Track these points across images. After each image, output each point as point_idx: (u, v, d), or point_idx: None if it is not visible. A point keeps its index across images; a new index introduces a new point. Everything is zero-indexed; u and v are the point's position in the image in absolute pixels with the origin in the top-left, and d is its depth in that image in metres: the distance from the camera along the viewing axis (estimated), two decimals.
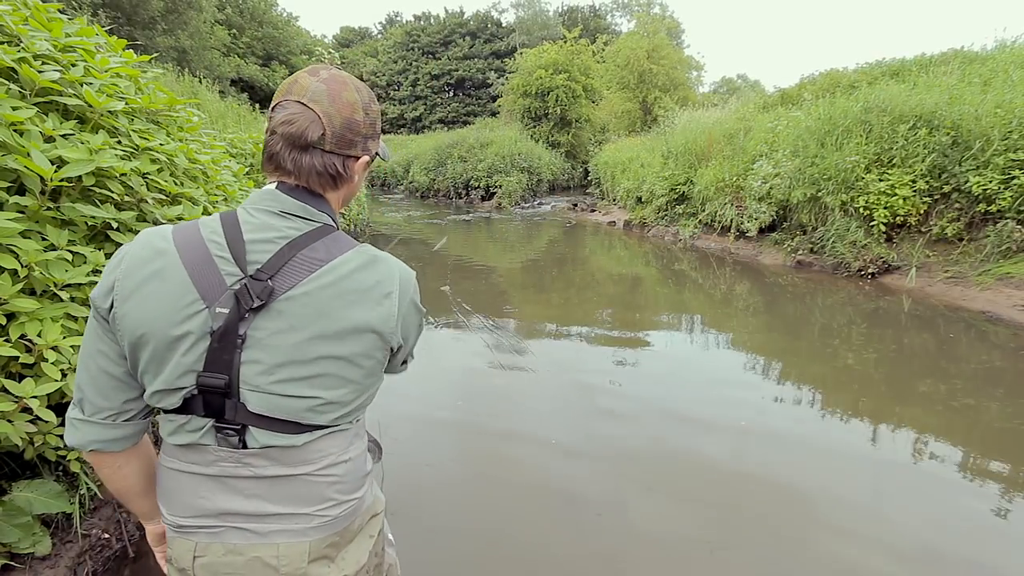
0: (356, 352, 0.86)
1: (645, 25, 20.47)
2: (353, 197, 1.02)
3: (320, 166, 0.88)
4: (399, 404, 3.57)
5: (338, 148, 0.88)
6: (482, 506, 2.63)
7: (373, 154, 0.97)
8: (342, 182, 0.93)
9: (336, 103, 0.86)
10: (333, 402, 0.86)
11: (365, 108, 0.91)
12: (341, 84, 0.88)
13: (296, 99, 0.85)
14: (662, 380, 4.11)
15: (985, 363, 4.28)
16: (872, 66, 12.03)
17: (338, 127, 0.87)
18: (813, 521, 2.48)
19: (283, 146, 0.86)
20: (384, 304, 0.88)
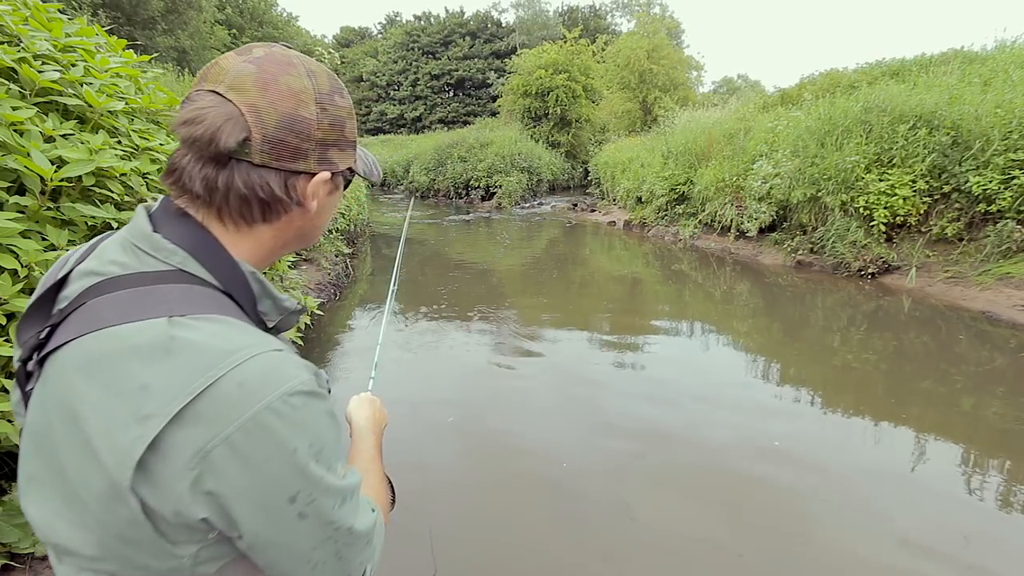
0: (86, 481, 0.51)
1: (645, 25, 20.46)
2: (314, 235, 0.72)
3: (243, 187, 0.59)
4: (399, 404, 3.57)
5: (274, 159, 0.60)
6: (482, 507, 2.63)
7: (342, 170, 0.68)
8: (280, 211, 0.63)
9: (270, 92, 0.59)
10: (62, 546, 0.54)
11: (321, 101, 0.62)
12: (282, 65, 0.61)
13: (210, 88, 0.59)
14: (662, 380, 4.11)
15: (985, 363, 4.28)
16: (872, 66, 12.03)
17: (272, 128, 0.59)
18: (814, 522, 2.48)
19: (190, 158, 0.59)
20: (131, 431, 0.49)
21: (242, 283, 0.62)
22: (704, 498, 2.66)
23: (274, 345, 0.56)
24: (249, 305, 0.63)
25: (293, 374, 0.54)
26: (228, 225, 0.62)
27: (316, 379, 0.57)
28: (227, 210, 0.61)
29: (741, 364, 4.47)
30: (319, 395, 0.56)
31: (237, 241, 0.63)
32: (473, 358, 4.59)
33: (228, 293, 0.61)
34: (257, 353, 0.53)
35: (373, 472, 0.81)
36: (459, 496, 2.70)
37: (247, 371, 0.52)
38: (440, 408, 3.61)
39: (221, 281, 0.61)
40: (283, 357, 0.56)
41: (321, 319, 4.90)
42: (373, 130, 43.33)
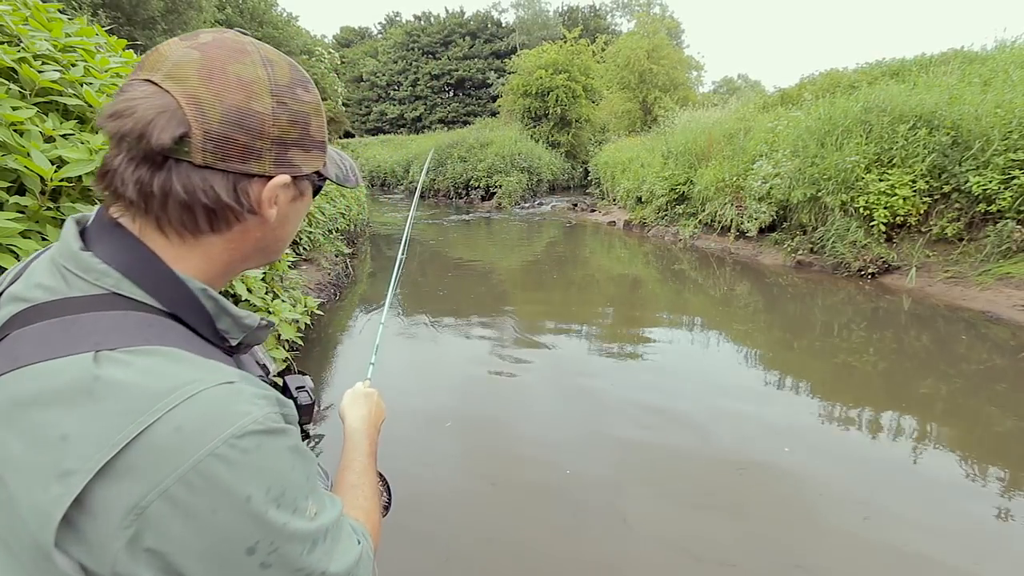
0: (17, 536, 0.44)
1: (645, 25, 20.47)
2: (277, 248, 0.63)
3: (182, 191, 0.51)
4: (399, 403, 3.57)
5: (219, 159, 0.51)
6: (481, 508, 2.63)
7: (307, 174, 0.60)
8: (230, 220, 0.55)
9: (215, 82, 0.51)
10: None
11: (279, 94, 0.54)
12: (232, 52, 0.53)
13: (145, 76, 0.51)
14: (662, 381, 4.11)
15: (985, 363, 4.28)
16: (872, 66, 12.03)
17: (216, 123, 0.51)
18: (815, 522, 2.48)
19: (122, 159, 0.51)
20: (51, 489, 0.42)
21: (191, 302, 0.54)
22: (704, 500, 2.66)
23: (223, 377, 0.48)
24: (204, 325, 0.56)
25: (242, 412, 0.46)
26: (170, 236, 0.54)
27: (275, 412, 0.50)
28: (166, 219, 0.53)
29: (741, 365, 4.47)
30: (277, 432, 0.49)
31: (182, 255, 0.55)
32: (473, 358, 4.59)
33: (175, 315, 0.53)
34: (199, 391, 0.46)
35: (366, 484, 0.75)
36: (459, 497, 2.70)
37: (186, 413, 0.44)
38: (440, 408, 3.61)
39: (164, 302, 0.53)
40: (232, 392, 0.48)
41: (321, 319, 4.90)
42: (373, 130, 43.34)
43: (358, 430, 0.87)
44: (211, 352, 0.54)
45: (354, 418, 0.90)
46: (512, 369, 4.33)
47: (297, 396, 0.80)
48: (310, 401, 0.81)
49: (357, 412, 0.92)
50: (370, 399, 0.95)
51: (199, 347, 0.53)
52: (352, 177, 0.70)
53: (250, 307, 3.01)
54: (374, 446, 0.87)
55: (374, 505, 0.74)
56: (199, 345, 0.53)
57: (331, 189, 7.36)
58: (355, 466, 0.79)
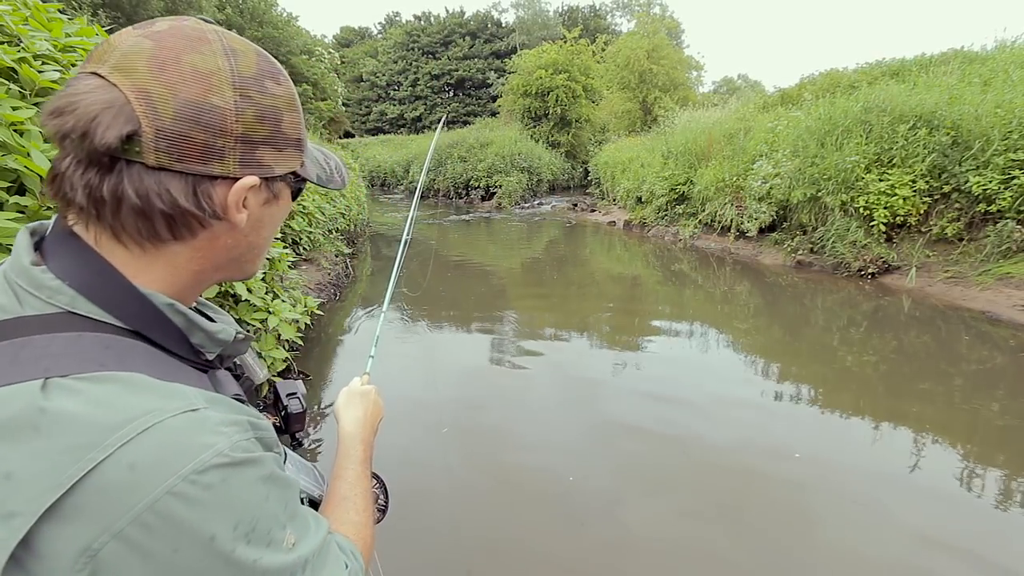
0: None
1: (645, 25, 20.46)
2: (252, 256, 0.59)
3: (135, 196, 0.47)
4: (398, 403, 3.57)
5: (175, 160, 0.47)
6: (481, 509, 2.63)
7: (281, 175, 0.55)
8: (193, 226, 0.51)
9: (168, 73, 0.46)
10: None
11: (243, 86, 0.49)
12: (189, 40, 0.48)
13: (92, 69, 0.47)
14: (663, 381, 4.11)
15: (985, 363, 4.28)
16: (872, 66, 12.03)
17: (169, 119, 0.46)
18: (815, 522, 2.48)
19: (70, 161, 0.47)
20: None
21: (156, 319, 0.50)
22: (704, 500, 2.66)
23: (185, 404, 0.44)
24: (174, 341, 0.52)
25: (204, 444, 0.43)
26: (129, 246, 0.50)
27: (245, 439, 0.46)
28: (121, 227, 0.48)
29: (741, 364, 4.47)
30: (245, 463, 0.45)
31: (144, 266, 0.51)
32: (473, 358, 4.59)
33: (138, 333, 0.49)
34: (156, 422, 0.42)
35: (358, 495, 0.72)
36: (459, 498, 2.70)
37: (140, 448, 0.41)
38: (440, 409, 3.61)
39: (125, 320, 0.49)
40: (194, 421, 0.44)
41: (321, 319, 4.90)
42: (373, 130, 43.36)
43: (352, 435, 0.83)
44: (180, 372, 0.50)
45: (348, 421, 0.85)
46: (512, 369, 4.33)
47: (287, 404, 0.77)
48: (301, 409, 0.77)
49: (352, 414, 0.87)
50: (366, 398, 0.90)
51: (165, 367, 0.49)
52: (337, 178, 0.65)
53: (250, 307, 3.01)
54: (369, 450, 0.83)
55: (366, 518, 0.70)
56: (165, 364, 0.50)
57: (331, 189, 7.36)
58: (347, 475, 0.75)
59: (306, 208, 5.84)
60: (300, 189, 0.61)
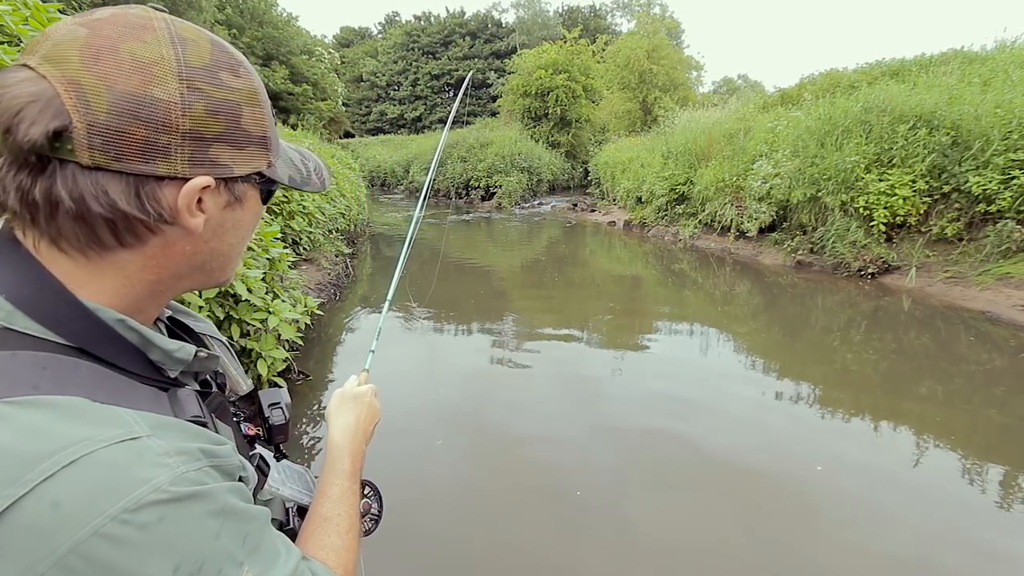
0: None
1: (645, 25, 20.46)
2: (219, 264, 0.55)
3: (68, 199, 0.43)
4: (399, 404, 3.57)
5: (112, 158, 0.43)
6: (482, 510, 2.63)
7: (243, 176, 0.51)
8: (139, 232, 0.46)
9: (103, 63, 0.42)
10: None
11: (192, 77, 0.45)
12: (129, 28, 0.44)
13: (23, 60, 0.43)
14: (662, 382, 4.11)
15: (985, 363, 4.28)
16: (872, 66, 12.03)
17: (104, 113, 0.42)
18: (815, 522, 2.48)
19: (2, 162, 0.44)
20: None
21: (105, 335, 0.46)
22: (706, 500, 2.66)
23: (123, 432, 0.40)
24: (129, 359, 0.48)
25: (141, 478, 0.38)
26: (71, 254, 0.45)
27: (192, 470, 0.42)
28: (59, 233, 0.44)
29: (741, 364, 4.47)
30: (192, 497, 0.41)
31: (90, 276, 0.46)
32: (473, 359, 4.59)
33: (85, 350, 0.45)
34: (85, 453, 0.38)
35: (342, 514, 0.66)
36: (459, 499, 2.70)
37: (65, 483, 0.37)
38: (440, 410, 3.61)
39: (69, 337, 0.45)
40: (131, 452, 0.40)
41: (321, 319, 4.90)
42: (373, 130, 43.36)
43: (339, 445, 0.76)
44: (131, 392, 0.46)
45: (337, 428, 0.78)
46: (512, 369, 4.33)
47: (270, 415, 0.72)
48: (283, 420, 0.72)
49: (342, 420, 0.79)
50: (359, 402, 0.83)
51: (112, 388, 0.45)
52: (315, 180, 0.60)
53: (250, 307, 3.01)
54: (358, 462, 0.76)
55: (349, 541, 0.65)
56: (113, 385, 0.45)
57: (331, 189, 7.37)
58: (331, 492, 0.69)
59: (306, 208, 5.84)
60: (271, 192, 0.56)
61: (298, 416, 3.36)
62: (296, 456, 2.96)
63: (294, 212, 5.53)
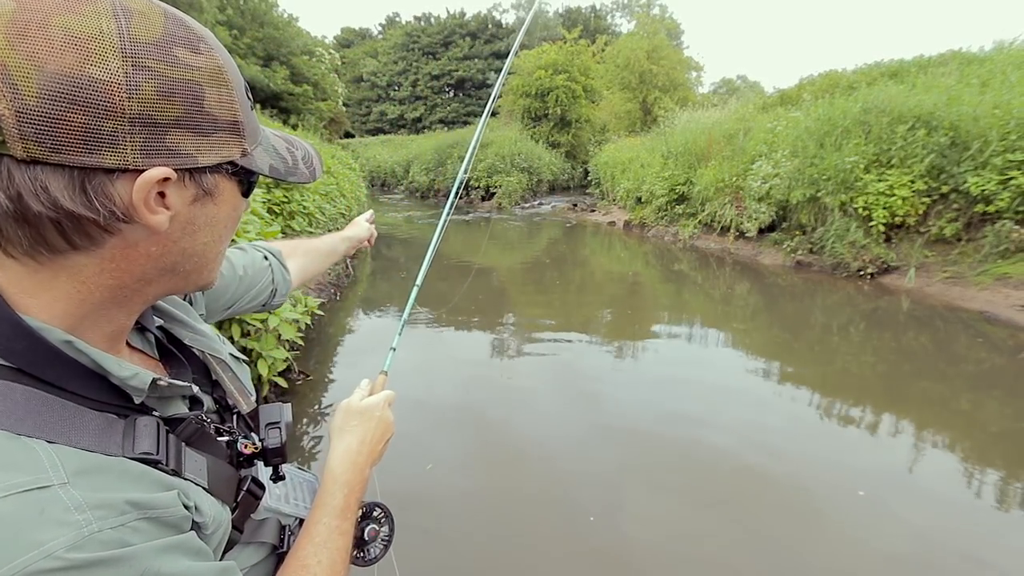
0: None
1: (645, 26, 20.47)
2: (195, 263, 0.49)
3: (3, 198, 0.38)
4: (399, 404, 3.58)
5: (49, 150, 0.37)
6: (483, 510, 2.64)
7: (211, 166, 0.45)
8: (91, 233, 0.41)
9: (31, 41, 0.37)
10: None
11: (135, 54, 0.39)
12: (66, 0, 0.38)
13: None
14: (662, 382, 4.12)
15: (983, 363, 4.29)
16: (871, 67, 12.04)
17: (34, 98, 0.36)
18: (815, 522, 2.49)
19: None
20: None
21: (50, 357, 0.42)
22: (707, 500, 2.67)
23: (31, 480, 0.36)
24: (81, 383, 0.43)
25: (33, 541, 0.33)
26: (20, 258, 0.41)
27: (113, 526, 0.37)
28: (2, 235, 0.40)
29: (741, 365, 4.48)
30: (96, 564, 0.35)
31: (43, 283, 0.42)
32: (473, 359, 4.60)
33: (27, 371, 0.41)
34: None
35: (325, 560, 0.61)
36: (460, 500, 2.71)
37: None
38: (440, 410, 3.62)
39: (8, 357, 0.41)
40: (32, 505, 0.35)
41: (321, 319, 4.92)
42: (373, 130, 43.39)
43: (335, 476, 0.68)
44: (70, 422, 0.41)
45: (336, 454, 0.70)
46: (512, 369, 4.34)
47: (265, 436, 0.66)
48: (279, 443, 0.66)
49: (343, 443, 0.71)
50: (367, 418, 0.74)
51: (46, 419, 0.40)
52: (303, 169, 0.54)
53: None
54: (355, 495, 0.68)
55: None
56: (48, 416, 0.40)
57: (331, 189, 7.38)
58: (316, 533, 0.63)
59: (306, 208, 5.85)
60: (252, 184, 0.50)
61: (299, 416, 3.38)
62: (296, 458, 2.97)
63: (294, 212, 5.54)
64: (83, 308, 0.44)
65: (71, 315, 0.44)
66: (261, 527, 0.61)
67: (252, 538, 0.60)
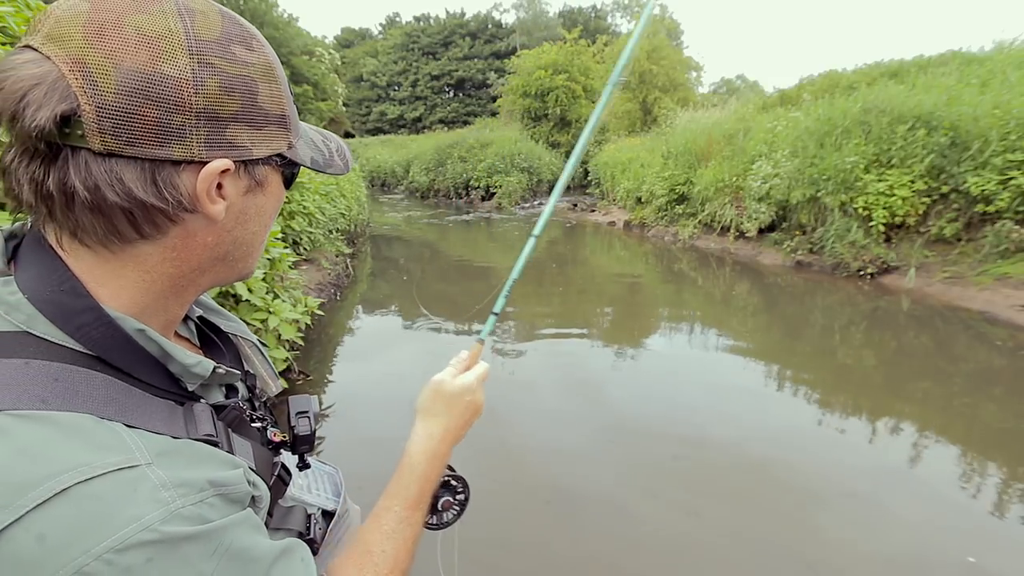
0: None
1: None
2: (244, 253, 0.51)
3: (83, 189, 0.40)
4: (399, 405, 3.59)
5: (125, 143, 0.40)
6: (484, 511, 2.64)
7: (263, 158, 0.47)
8: (159, 222, 0.43)
9: (108, 39, 0.39)
10: None
11: (202, 52, 0.41)
12: (134, 1, 0.41)
13: (26, 42, 0.40)
14: (663, 382, 4.13)
15: (983, 363, 4.30)
16: (871, 67, 12.05)
17: (113, 93, 0.38)
18: (815, 521, 2.49)
19: (14, 153, 0.41)
20: None
21: (124, 345, 0.44)
22: (706, 499, 2.67)
23: (122, 459, 0.38)
24: (147, 371, 0.45)
25: (130, 516, 0.36)
26: (94, 248, 0.43)
27: (190, 505, 0.39)
28: (78, 226, 0.42)
29: (741, 365, 4.48)
30: (185, 538, 0.37)
31: (113, 272, 0.44)
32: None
33: (103, 359, 0.43)
34: (76, 482, 0.35)
35: (389, 551, 0.61)
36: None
37: (53, 515, 0.34)
38: None
39: (87, 345, 0.42)
40: (125, 483, 0.37)
41: (322, 319, 4.92)
42: (373, 130, 43.41)
43: (414, 463, 0.66)
44: (145, 407, 0.43)
45: (418, 439, 0.68)
46: (514, 368, 4.34)
47: (295, 424, 0.69)
48: (309, 431, 0.70)
49: (425, 429, 0.70)
50: (456, 403, 0.73)
51: (125, 403, 0.42)
52: (338, 161, 0.56)
53: (250, 307, 3.02)
54: (430, 485, 0.67)
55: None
56: (126, 399, 0.42)
57: (331, 189, 7.38)
58: (385, 521, 0.62)
59: (307, 208, 5.85)
60: (293, 175, 0.53)
61: None
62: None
63: (295, 212, 5.54)
64: (147, 297, 0.46)
65: (136, 304, 0.46)
66: (289, 514, 0.62)
67: (281, 524, 0.60)
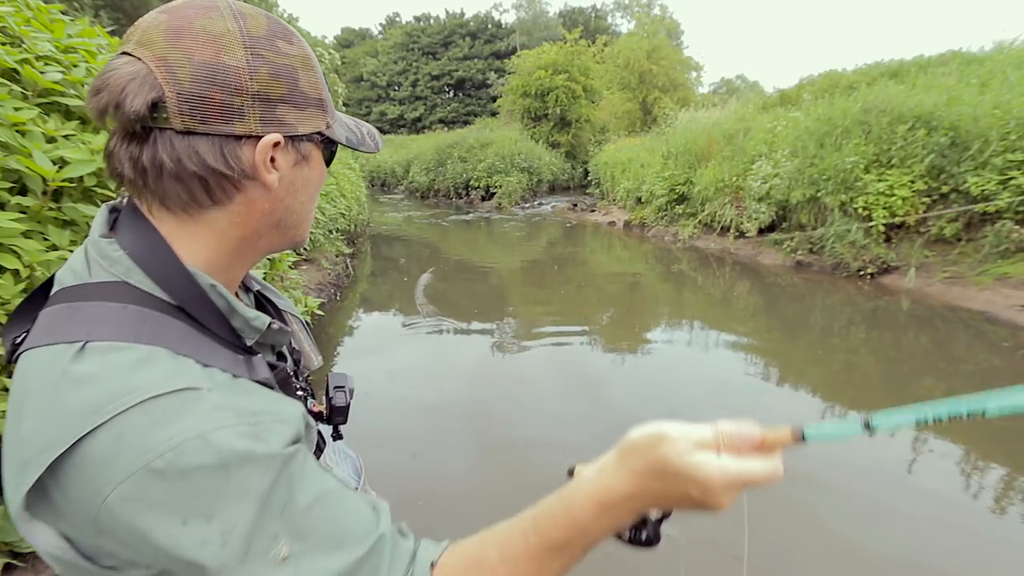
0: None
1: (645, 26, 20.49)
2: (294, 220, 0.60)
3: (169, 161, 0.50)
4: (400, 405, 3.59)
5: (199, 122, 0.49)
6: (485, 511, 2.64)
7: (307, 135, 0.56)
8: (227, 188, 0.52)
9: (183, 39, 0.49)
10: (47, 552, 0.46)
11: (253, 46, 0.51)
12: (200, 9, 0.51)
13: (121, 50, 0.51)
14: (663, 382, 4.13)
15: (983, 363, 4.29)
16: (871, 67, 12.05)
17: (188, 82, 0.48)
18: (814, 520, 2.49)
19: (116, 138, 0.52)
20: (14, 474, 0.45)
21: (199, 298, 0.52)
22: None
23: (186, 382, 0.45)
24: (216, 322, 0.53)
25: (188, 425, 0.43)
26: (177, 214, 0.53)
27: (242, 423, 0.45)
28: (165, 195, 0.51)
29: (741, 365, 4.48)
30: (235, 455, 0.43)
31: (190, 234, 0.53)
32: (474, 358, 4.60)
33: (183, 309, 0.51)
34: (149, 396, 0.43)
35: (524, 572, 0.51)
36: (459, 500, 2.71)
37: (129, 420, 0.42)
38: (443, 410, 3.63)
39: (173, 294, 0.51)
40: (186, 400, 0.44)
41: (322, 319, 4.92)
42: None
43: (581, 503, 0.52)
44: (212, 352, 0.51)
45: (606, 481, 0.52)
46: (513, 369, 4.34)
47: (333, 396, 0.78)
48: (344, 403, 0.78)
49: (621, 477, 0.51)
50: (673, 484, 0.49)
51: (196, 345, 0.50)
52: (369, 141, 0.65)
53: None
54: (587, 537, 0.56)
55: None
56: (197, 343, 0.50)
57: (330, 189, 7.38)
58: (514, 544, 0.54)
59: None
60: (332, 153, 0.62)
61: None
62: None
63: None
64: (218, 257, 0.55)
65: (209, 262, 0.55)
66: None
67: None
